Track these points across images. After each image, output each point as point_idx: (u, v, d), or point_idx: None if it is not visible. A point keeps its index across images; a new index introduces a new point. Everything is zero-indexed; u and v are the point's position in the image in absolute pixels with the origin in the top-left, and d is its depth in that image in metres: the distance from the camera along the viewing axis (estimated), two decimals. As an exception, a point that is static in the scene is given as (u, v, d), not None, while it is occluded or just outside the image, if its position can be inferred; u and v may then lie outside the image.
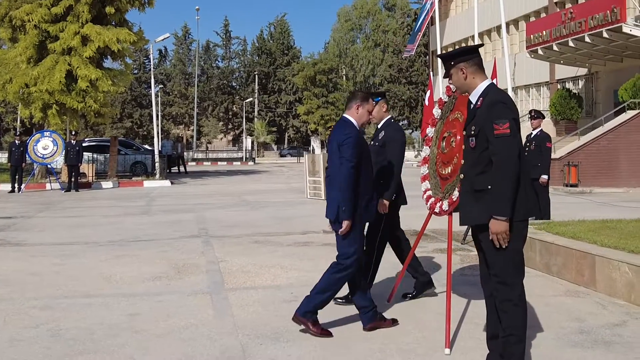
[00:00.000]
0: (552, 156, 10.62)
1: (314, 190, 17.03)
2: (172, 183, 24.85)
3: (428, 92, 13.05)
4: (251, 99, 69.82)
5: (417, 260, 5.97)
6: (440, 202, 4.91)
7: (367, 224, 5.39)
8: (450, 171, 4.87)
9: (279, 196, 18.23)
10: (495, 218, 3.57)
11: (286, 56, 74.12)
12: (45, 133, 22.45)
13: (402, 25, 70.08)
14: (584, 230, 7.33)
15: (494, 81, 10.59)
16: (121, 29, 24.33)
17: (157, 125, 32.53)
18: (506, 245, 3.62)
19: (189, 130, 74.09)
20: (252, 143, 67.19)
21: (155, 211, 14.46)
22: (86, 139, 32.75)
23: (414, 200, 6.87)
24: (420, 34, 18.49)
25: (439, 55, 4.06)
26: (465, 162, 3.86)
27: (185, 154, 41.75)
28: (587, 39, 23.54)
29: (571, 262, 6.50)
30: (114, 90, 24.73)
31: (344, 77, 72.80)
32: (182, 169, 36.06)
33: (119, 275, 7.05)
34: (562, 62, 28.40)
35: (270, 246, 8.99)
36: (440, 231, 9.91)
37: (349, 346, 4.49)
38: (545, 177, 9.98)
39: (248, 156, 61.33)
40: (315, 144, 66.33)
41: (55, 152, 21.97)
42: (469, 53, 3.88)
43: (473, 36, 38.28)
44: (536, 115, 10.40)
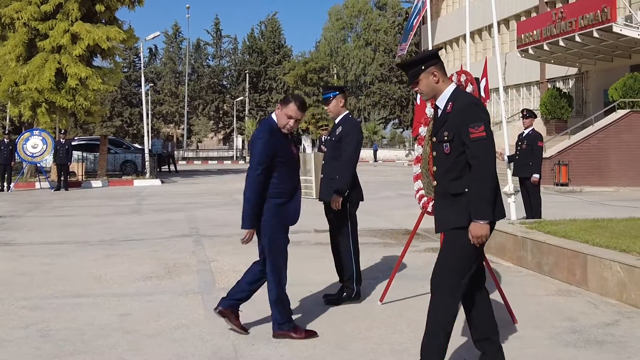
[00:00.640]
0: (543, 155, 10.64)
1: (305, 190, 16.99)
2: (162, 182, 24.75)
3: (420, 91, 12.97)
4: (242, 97, 69.67)
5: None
6: (433, 202, 4.89)
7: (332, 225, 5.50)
8: (443, 170, 4.85)
9: (270, 195, 18.15)
10: (476, 222, 3.50)
11: (277, 55, 74.00)
12: (34, 132, 22.32)
13: (393, 25, 70.15)
14: (575, 230, 7.34)
15: (484, 81, 10.61)
16: (111, 27, 24.24)
17: (148, 124, 32.39)
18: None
19: (179, 129, 73.87)
20: (243, 142, 67.08)
21: (145, 210, 14.40)
22: (76, 138, 32.59)
23: (406, 199, 6.86)
24: (412, 32, 18.38)
25: (400, 63, 3.98)
26: (438, 169, 3.76)
27: (175, 152, 41.61)
28: (577, 39, 23.63)
29: (563, 261, 6.51)
30: (103, 88, 24.61)
31: (335, 76, 72.79)
32: (172, 167, 35.95)
33: (109, 275, 7.01)
34: (552, 61, 28.51)
35: (261, 245, 8.94)
36: (431, 230, 9.78)
37: (341, 346, 4.47)
38: (536, 176, 10.00)
39: (239, 155, 61.22)
40: (307, 142, 66.30)
41: (45, 151, 21.84)
42: (437, 57, 3.82)
43: (464, 35, 38.50)
44: (528, 114, 10.42)
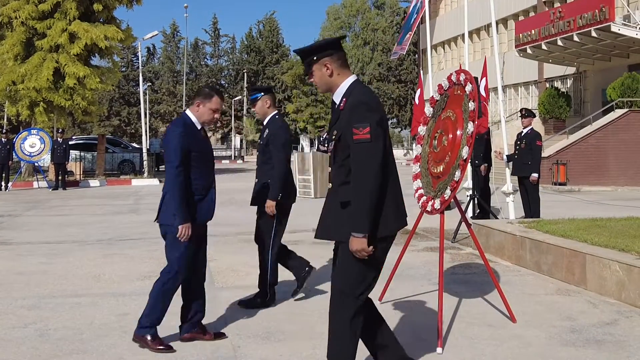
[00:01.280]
0: (541, 154, 10.65)
1: (304, 189, 17.00)
2: (160, 181, 24.71)
3: (418, 90, 13.00)
4: (240, 97, 69.62)
5: (287, 256, 5.86)
6: (432, 201, 4.89)
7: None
8: (442, 170, 4.86)
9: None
10: (352, 235, 3.21)
11: (275, 54, 73.95)
12: (32, 131, 22.27)
13: (392, 24, 70.13)
14: (574, 229, 7.34)
15: (483, 80, 10.61)
16: (109, 26, 24.20)
17: (146, 124, 32.36)
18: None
19: (177, 128, 73.75)
20: (241, 141, 67.11)
21: (143, 210, 14.37)
22: (73, 137, 32.55)
23: (405, 199, 6.83)
24: (411, 33, 18.39)
25: (297, 50, 3.65)
26: (332, 170, 3.49)
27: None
28: (575, 38, 23.65)
29: (562, 260, 6.51)
30: (101, 88, 24.59)
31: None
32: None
33: (107, 274, 6.99)
34: (550, 61, 28.52)
35: (260, 245, 8.92)
36: (431, 229, 9.90)
37: (340, 346, 4.45)
38: (535, 175, 10.00)
39: (237, 154, 61.20)
40: (305, 142, 66.33)
41: (43, 150, 21.80)
42: (333, 47, 3.49)
43: (463, 35, 38.51)
44: (527, 114, 10.42)
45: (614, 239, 6.59)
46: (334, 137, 3.39)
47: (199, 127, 4.60)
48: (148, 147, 29.09)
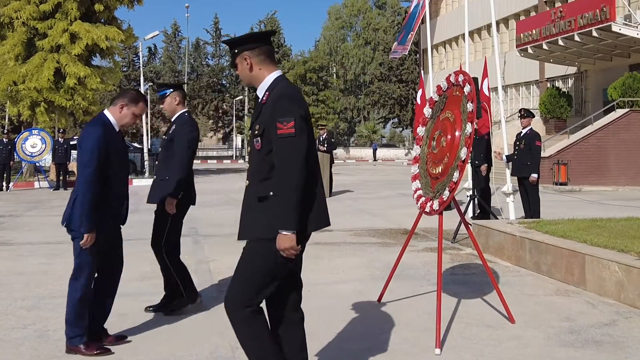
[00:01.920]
0: (541, 155, 10.65)
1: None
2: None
3: (420, 90, 13.01)
4: (241, 97, 69.64)
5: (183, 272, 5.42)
6: (431, 202, 4.90)
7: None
8: (440, 171, 4.87)
9: (269, 195, 18.15)
10: (280, 232, 3.08)
11: (276, 54, 73.70)
12: (33, 131, 22.30)
13: (393, 24, 70.19)
14: (573, 229, 7.34)
15: (485, 81, 10.62)
16: (110, 26, 24.24)
17: (147, 124, 32.37)
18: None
19: (178, 128, 73.79)
20: (242, 141, 67.08)
21: (143, 210, 14.33)
22: (74, 137, 32.55)
23: (405, 199, 6.85)
24: (412, 34, 18.38)
25: (223, 41, 3.64)
26: (250, 166, 3.36)
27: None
28: (576, 38, 23.65)
29: (561, 261, 6.51)
30: (102, 88, 24.63)
31: (335, 75, 72.81)
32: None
33: (107, 274, 6.99)
34: (551, 60, 28.52)
35: (260, 245, 8.93)
36: (430, 230, 9.91)
37: (340, 345, 4.47)
38: (534, 175, 10.00)
39: (238, 154, 61.22)
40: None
41: (44, 151, 21.82)
42: (256, 41, 3.38)
43: (463, 34, 38.50)
44: (526, 114, 10.42)
45: (613, 239, 6.59)
46: (257, 131, 3.25)
47: (117, 129, 4.45)
48: (149, 147, 29.11)
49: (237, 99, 68.59)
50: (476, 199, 10.84)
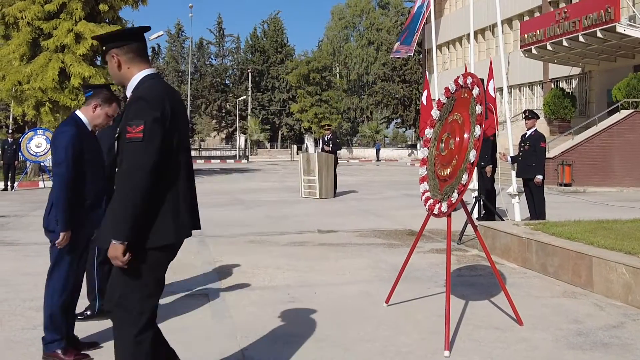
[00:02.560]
0: (546, 155, 10.64)
1: (309, 190, 17.01)
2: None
3: (425, 91, 13.02)
4: (244, 96, 69.72)
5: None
6: (439, 204, 4.90)
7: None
8: (449, 173, 4.87)
9: (273, 195, 18.21)
10: (112, 241, 2.94)
11: (280, 54, 74.01)
12: (38, 131, 22.34)
13: (396, 24, 70.18)
14: (580, 231, 7.34)
15: (491, 82, 10.60)
16: (115, 26, 24.27)
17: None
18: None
19: (182, 127, 73.84)
20: (246, 141, 67.18)
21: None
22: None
23: (409, 199, 6.86)
24: (417, 35, 18.45)
25: (93, 37, 3.52)
26: (117, 170, 3.16)
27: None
28: (581, 39, 23.64)
29: (568, 263, 6.51)
30: (107, 88, 24.64)
31: (338, 75, 72.83)
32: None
33: (114, 275, 7.00)
34: (555, 61, 28.51)
35: (265, 246, 8.96)
36: (436, 231, 9.91)
37: (347, 348, 4.47)
38: (539, 177, 9.99)
39: (241, 154, 61.27)
40: (309, 142, 66.37)
41: (48, 150, 21.84)
42: (124, 38, 3.22)
43: (467, 35, 38.44)
44: (530, 115, 10.40)
45: (620, 241, 6.59)
46: (116, 134, 3.12)
47: (90, 129, 4.42)
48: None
49: (240, 98, 68.66)
50: (482, 200, 10.84)
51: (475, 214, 11.03)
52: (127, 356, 3.06)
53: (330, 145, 17.53)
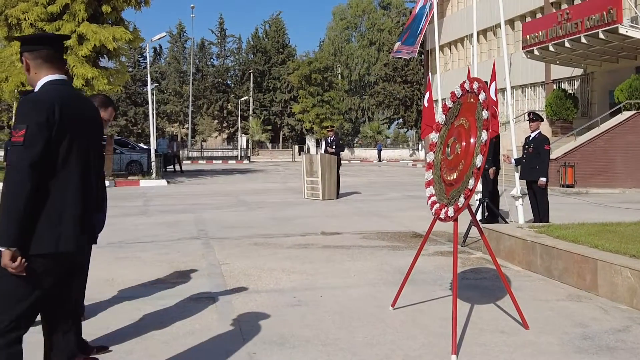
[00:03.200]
0: (550, 158, 10.65)
1: (312, 191, 17.04)
2: (168, 182, 24.79)
3: (427, 93, 13.03)
4: (246, 97, 69.79)
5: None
6: (446, 208, 4.92)
7: None
8: (455, 177, 4.89)
9: (276, 196, 18.23)
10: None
11: (281, 54, 74.08)
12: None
13: (398, 24, 70.17)
14: (584, 234, 7.36)
15: (493, 84, 10.61)
16: (117, 27, 24.27)
17: (153, 125, 32.42)
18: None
19: (183, 128, 74.01)
20: (247, 141, 67.22)
21: (153, 211, 14.43)
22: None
23: (412, 201, 6.88)
24: (421, 36, 18.39)
25: (14, 37, 3.49)
26: None
27: (180, 152, 41.58)
28: (583, 40, 23.64)
29: (572, 266, 6.53)
30: (109, 89, 24.66)
31: (339, 75, 72.89)
32: (177, 167, 35.82)
33: (120, 278, 7.03)
34: (557, 62, 28.52)
35: (270, 248, 8.98)
36: (440, 233, 9.93)
37: (354, 352, 4.49)
38: (543, 179, 10.01)
39: (243, 155, 61.30)
40: (311, 142, 66.41)
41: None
42: (34, 43, 3.24)
43: (469, 36, 38.46)
44: (534, 117, 10.41)
45: (624, 244, 6.61)
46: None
47: None
48: (155, 147, 29.20)
49: (242, 99, 68.72)
50: (486, 202, 10.84)
51: (479, 216, 11.04)
52: None
53: (334, 147, 17.54)
